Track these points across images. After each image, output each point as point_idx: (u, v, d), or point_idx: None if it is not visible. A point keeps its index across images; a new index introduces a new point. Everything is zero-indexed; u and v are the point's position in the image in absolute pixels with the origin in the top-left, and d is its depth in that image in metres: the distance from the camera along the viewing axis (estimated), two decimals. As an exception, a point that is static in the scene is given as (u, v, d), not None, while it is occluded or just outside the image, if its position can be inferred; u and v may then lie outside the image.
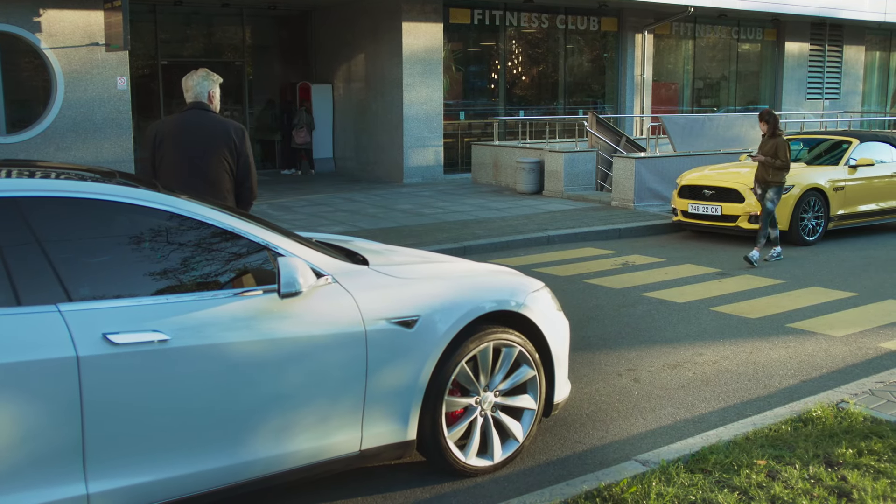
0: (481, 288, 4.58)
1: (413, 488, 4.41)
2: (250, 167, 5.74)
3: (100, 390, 3.34)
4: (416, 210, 14.44)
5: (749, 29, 24.85)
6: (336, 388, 3.96)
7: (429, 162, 18.86)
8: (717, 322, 7.73)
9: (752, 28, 24.87)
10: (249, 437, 3.75)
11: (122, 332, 3.40)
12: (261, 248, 3.92)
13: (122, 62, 15.38)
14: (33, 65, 15.17)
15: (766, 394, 5.89)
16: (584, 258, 10.91)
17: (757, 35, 25.13)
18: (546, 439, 5.06)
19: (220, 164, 5.60)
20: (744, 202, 11.67)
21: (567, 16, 21.25)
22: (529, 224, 12.98)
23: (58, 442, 3.28)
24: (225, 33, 21.47)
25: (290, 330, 3.81)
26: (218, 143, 5.60)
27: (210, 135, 5.61)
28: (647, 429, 5.25)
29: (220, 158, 5.60)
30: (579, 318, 7.72)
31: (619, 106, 22.35)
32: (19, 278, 3.31)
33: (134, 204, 3.69)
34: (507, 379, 4.63)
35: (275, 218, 13.01)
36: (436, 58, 18.68)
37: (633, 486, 4.12)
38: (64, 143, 15.00)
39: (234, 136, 5.65)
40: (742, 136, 17.19)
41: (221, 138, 5.61)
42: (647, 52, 22.30)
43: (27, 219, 3.42)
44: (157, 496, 3.54)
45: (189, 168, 5.58)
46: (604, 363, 6.56)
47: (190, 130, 5.65)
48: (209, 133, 5.61)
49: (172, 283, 3.69)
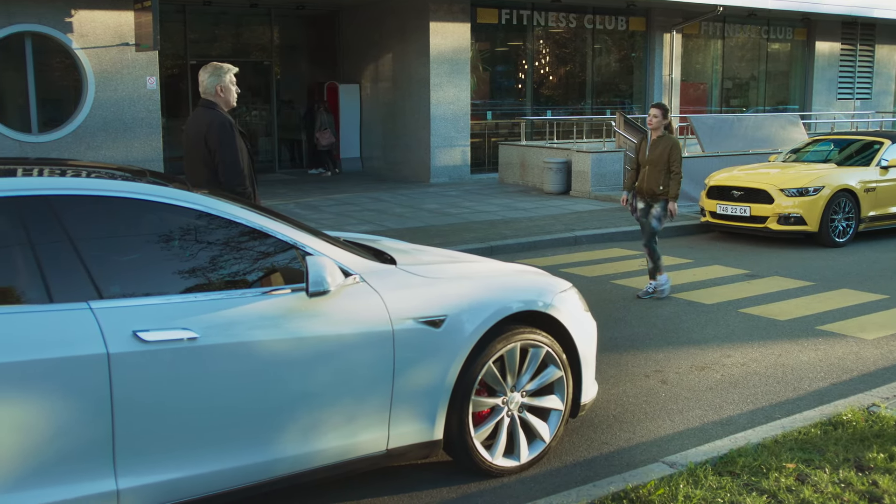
0: (509, 288, 4.58)
1: (439, 488, 4.41)
2: (221, 161, 5.57)
3: (130, 387, 3.37)
4: (443, 210, 14.44)
5: (779, 28, 24.64)
6: (363, 388, 3.97)
7: (456, 162, 18.85)
8: (746, 324, 7.67)
9: (781, 27, 24.66)
10: (277, 435, 3.77)
11: (152, 329, 3.42)
12: (289, 247, 3.93)
13: (152, 62, 15.49)
14: (64, 65, 15.32)
15: (795, 396, 5.83)
16: (611, 259, 10.87)
17: (787, 34, 24.91)
18: (573, 440, 5.05)
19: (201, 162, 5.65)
20: (773, 203, 11.58)
21: (595, 15, 21.17)
22: (556, 224, 12.94)
23: (88, 438, 3.32)
24: (253, 33, 21.58)
25: (318, 329, 3.82)
26: (199, 141, 5.65)
27: (195, 132, 5.69)
28: (675, 430, 5.22)
29: (199, 157, 5.65)
30: (606, 319, 7.69)
31: (646, 106, 22.19)
32: (51, 276, 3.35)
33: (163, 202, 3.72)
34: (534, 379, 4.62)
35: (302, 217, 13.07)
36: (463, 57, 18.67)
37: (660, 488, 4.10)
38: (94, 142, 15.13)
39: (209, 130, 5.61)
40: (772, 136, 17.05)
41: (201, 134, 5.64)
42: (675, 51, 22.17)
43: (59, 217, 3.45)
44: (185, 493, 3.56)
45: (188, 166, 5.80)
46: (631, 364, 6.53)
47: (189, 128, 5.82)
48: (195, 131, 5.70)
49: (201, 282, 3.72)
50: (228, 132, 5.60)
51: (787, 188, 11.62)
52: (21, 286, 3.34)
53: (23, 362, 3.18)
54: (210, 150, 5.58)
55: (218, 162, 5.58)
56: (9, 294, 3.33)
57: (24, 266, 3.35)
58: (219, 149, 5.57)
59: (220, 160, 5.57)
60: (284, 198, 15.96)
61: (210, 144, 5.58)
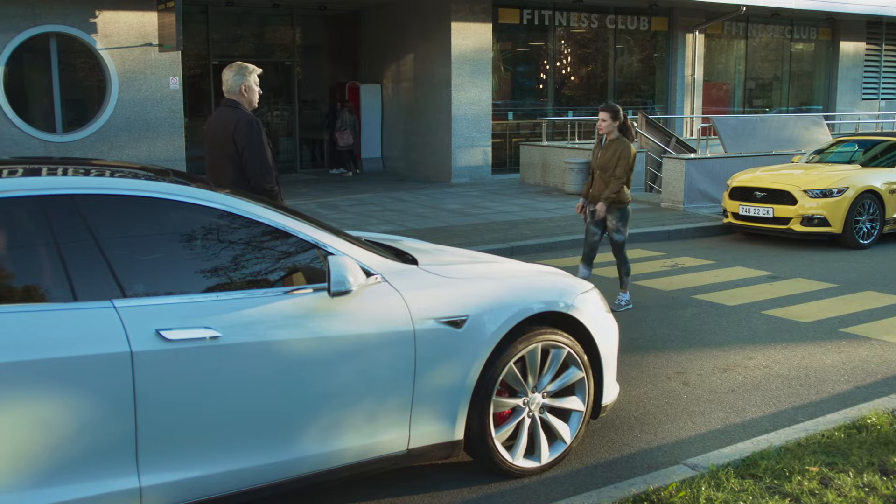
0: (530, 289, 4.57)
1: (460, 488, 4.41)
2: (250, 158, 5.61)
3: (153, 385, 3.39)
4: (464, 210, 14.44)
5: (803, 28, 24.47)
6: (384, 387, 3.98)
7: (477, 162, 18.84)
8: (769, 326, 7.62)
9: (805, 27, 24.49)
10: (298, 435, 3.78)
11: (174, 328, 3.44)
12: (311, 247, 3.95)
13: (175, 62, 15.58)
14: (89, 65, 15.43)
15: (818, 399, 5.79)
16: (632, 260, 10.79)
17: (811, 34, 24.73)
18: (594, 441, 5.03)
19: (228, 159, 5.67)
20: (796, 204, 11.49)
21: (617, 15, 21.10)
22: (578, 225, 12.90)
23: (111, 435, 3.34)
24: (275, 33, 21.66)
25: (339, 328, 3.83)
26: (226, 139, 5.67)
27: (222, 131, 5.71)
28: (697, 433, 5.20)
29: (226, 154, 5.67)
30: (628, 320, 7.66)
31: (668, 106, 22.14)
32: (76, 274, 3.38)
33: (186, 202, 3.74)
34: (555, 380, 4.61)
35: (324, 217, 13.10)
36: (485, 58, 18.66)
37: (682, 491, 4.08)
38: (118, 141, 15.23)
39: (237, 128, 5.63)
40: (795, 137, 16.93)
41: (229, 133, 5.66)
42: (697, 51, 22.06)
43: (84, 216, 3.48)
44: (207, 491, 3.58)
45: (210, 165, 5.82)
46: (652, 366, 6.50)
47: (212, 127, 5.84)
48: (222, 129, 5.72)
49: (223, 281, 3.73)
50: (256, 130, 5.63)
51: (810, 189, 11.53)
52: (46, 284, 3.37)
53: (48, 360, 3.20)
54: (238, 148, 5.61)
55: (246, 160, 5.61)
56: (34, 292, 3.36)
57: (49, 264, 3.37)
58: (247, 147, 5.60)
59: (248, 158, 5.60)
60: (306, 197, 16.00)
61: (238, 143, 5.60)
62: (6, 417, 3.15)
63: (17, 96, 14.69)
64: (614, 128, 7.98)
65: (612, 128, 7.98)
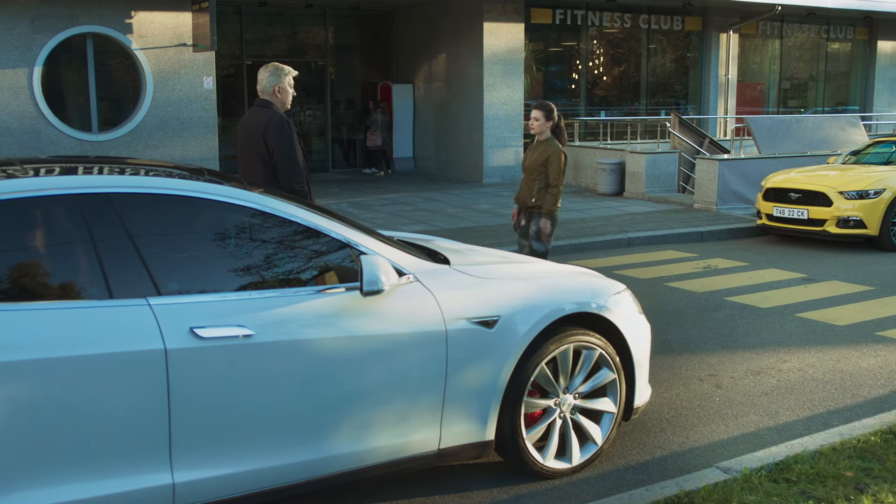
0: (562, 289, 4.55)
1: (490, 488, 4.41)
2: (280, 158, 5.64)
3: (186, 382, 3.42)
4: (496, 210, 14.42)
5: (839, 27, 24.19)
6: (416, 387, 3.98)
7: (508, 162, 18.82)
8: (803, 329, 7.54)
9: (842, 26, 24.21)
10: (330, 433, 3.79)
11: (208, 326, 3.47)
12: (343, 246, 3.96)
13: (209, 62, 15.70)
14: (124, 65, 15.60)
15: (853, 404, 5.72)
16: (665, 261, 10.76)
17: (847, 34, 24.44)
18: (625, 443, 5.01)
19: (258, 159, 5.70)
20: (832, 206, 11.36)
21: (650, 15, 20.99)
22: (610, 225, 12.86)
23: (146, 431, 3.37)
24: (308, 33, 21.76)
25: (371, 328, 3.84)
26: (257, 139, 5.71)
27: (254, 131, 5.75)
28: (729, 436, 5.15)
29: (257, 153, 5.70)
30: (660, 322, 7.62)
31: (702, 107, 21.98)
32: (112, 272, 3.41)
33: (220, 201, 3.77)
34: (586, 381, 4.59)
35: (355, 216, 13.14)
36: (517, 58, 18.63)
37: (714, 494, 4.05)
38: (152, 140, 15.38)
39: (267, 128, 5.67)
40: (831, 137, 16.74)
41: (260, 133, 5.70)
42: (731, 51, 21.88)
43: (119, 214, 3.51)
44: (238, 488, 3.60)
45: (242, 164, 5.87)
46: (685, 368, 6.46)
47: (244, 127, 5.89)
48: (253, 129, 5.76)
49: (256, 280, 3.76)
50: (287, 130, 5.67)
51: (846, 191, 11.40)
52: (83, 282, 3.41)
53: (84, 356, 3.24)
54: (269, 148, 5.65)
55: (276, 160, 5.64)
56: (71, 290, 3.39)
57: (85, 262, 3.41)
58: (277, 146, 5.63)
59: (278, 158, 5.64)
60: (338, 197, 16.07)
61: (269, 142, 5.64)
62: (44, 413, 3.19)
63: (54, 96, 14.89)
64: (547, 128, 7.44)
65: (544, 128, 7.44)
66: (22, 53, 14.22)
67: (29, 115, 14.41)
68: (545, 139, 7.48)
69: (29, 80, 14.31)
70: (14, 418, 3.14)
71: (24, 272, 3.37)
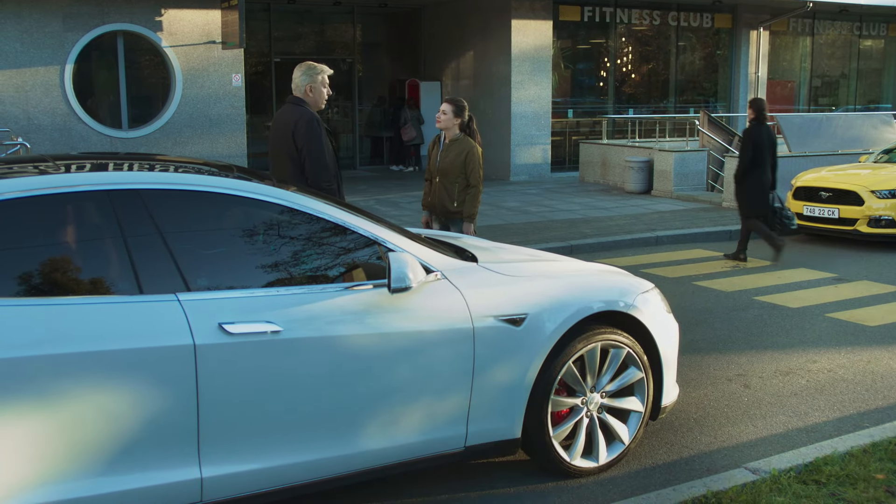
0: (590, 287, 4.54)
1: (516, 486, 4.40)
2: (308, 156, 5.67)
3: (215, 378, 3.44)
4: (523, 208, 14.40)
5: (872, 24, 23.91)
6: (443, 384, 3.98)
7: (536, 160, 18.78)
8: (833, 329, 7.47)
9: (875, 23, 23.93)
10: (357, 429, 3.80)
11: (237, 322, 3.49)
12: (371, 243, 3.97)
13: (238, 60, 15.79)
14: (154, 62, 15.73)
15: (884, 405, 5.66)
16: (693, 260, 10.69)
17: (880, 31, 24.16)
18: (652, 443, 4.98)
19: (287, 156, 5.74)
20: (863, 205, 11.25)
21: (679, 12, 20.86)
22: (637, 224, 12.79)
23: (174, 426, 3.39)
24: (336, 31, 21.82)
25: (399, 325, 3.84)
26: (286, 136, 5.74)
27: (283, 128, 5.79)
28: (758, 436, 5.11)
29: (286, 150, 5.74)
30: (688, 321, 7.57)
31: (731, 105, 21.81)
32: (141, 268, 3.44)
33: (248, 197, 3.79)
34: (614, 380, 4.57)
35: (382, 213, 13.17)
36: (545, 55, 18.58)
37: (742, 495, 4.02)
38: (181, 137, 15.50)
39: (297, 126, 5.70)
40: (862, 136, 16.55)
41: (289, 130, 5.73)
42: (762, 49, 21.70)
43: (150, 210, 3.54)
44: (266, 483, 3.62)
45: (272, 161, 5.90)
46: (713, 367, 6.42)
47: (276, 124, 5.93)
48: (283, 127, 5.80)
49: (284, 276, 3.77)
50: (315, 128, 5.69)
51: (878, 190, 11.27)
52: (113, 277, 3.44)
53: (114, 351, 3.27)
54: (297, 145, 5.68)
55: (304, 157, 5.67)
56: (101, 285, 3.42)
57: (115, 258, 3.44)
58: (306, 144, 5.66)
59: (306, 156, 5.67)
60: (365, 194, 16.10)
61: (297, 140, 5.67)
62: (75, 407, 3.22)
63: (85, 93, 15.04)
64: (455, 125, 6.99)
65: (451, 124, 6.98)
66: (54, 51, 14.38)
67: (60, 112, 14.57)
68: (455, 137, 7.04)
69: (60, 78, 14.46)
70: (47, 412, 3.17)
71: (56, 267, 3.40)
